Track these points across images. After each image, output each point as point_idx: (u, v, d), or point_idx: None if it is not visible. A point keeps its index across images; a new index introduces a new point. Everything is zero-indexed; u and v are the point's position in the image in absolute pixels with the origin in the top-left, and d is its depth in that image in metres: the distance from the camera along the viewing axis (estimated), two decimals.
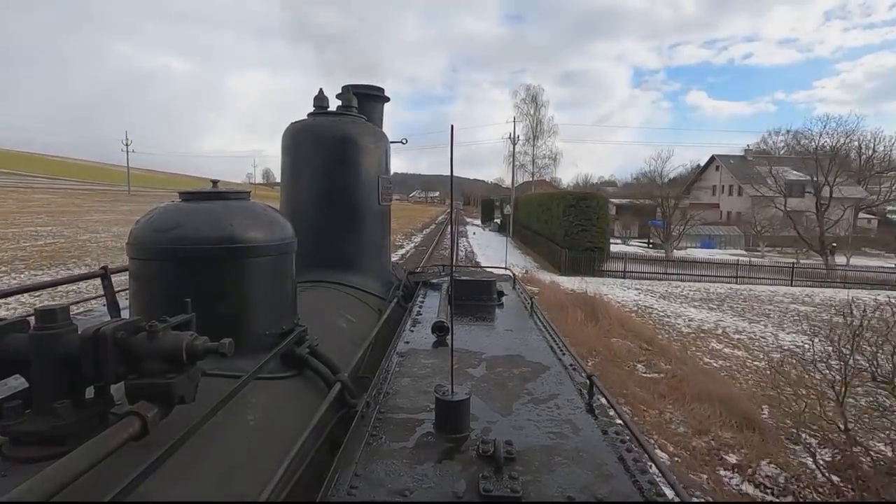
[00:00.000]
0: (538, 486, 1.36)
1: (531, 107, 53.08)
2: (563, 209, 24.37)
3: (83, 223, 29.26)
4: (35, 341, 1.19)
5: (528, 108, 52.95)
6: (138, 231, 1.81)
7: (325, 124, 3.68)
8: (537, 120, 53.07)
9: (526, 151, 52.54)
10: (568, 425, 1.74)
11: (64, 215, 33.41)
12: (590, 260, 23.48)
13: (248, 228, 1.87)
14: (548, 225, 27.86)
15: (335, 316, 2.90)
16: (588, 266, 23.20)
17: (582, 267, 22.91)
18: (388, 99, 4.59)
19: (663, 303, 16.63)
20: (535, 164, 53.59)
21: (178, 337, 1.25)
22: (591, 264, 23.52)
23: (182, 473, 1.23)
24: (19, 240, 21.11)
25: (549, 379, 2.18)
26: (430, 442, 1.59)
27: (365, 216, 3.76)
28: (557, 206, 25.41)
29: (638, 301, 16.54)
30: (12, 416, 1.16)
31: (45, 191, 56.33)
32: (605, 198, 26.80)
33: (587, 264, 23.25)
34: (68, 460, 0.95)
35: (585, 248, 23.43)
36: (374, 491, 1.32)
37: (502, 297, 3.76)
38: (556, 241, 25.22)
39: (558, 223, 24.79)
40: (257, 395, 1.69)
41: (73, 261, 17.11)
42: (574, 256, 23.23)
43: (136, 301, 1.84)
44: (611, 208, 33.49)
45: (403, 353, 2.48)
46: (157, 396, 1.21)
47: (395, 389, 2.01)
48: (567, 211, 24.09)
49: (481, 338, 2.80)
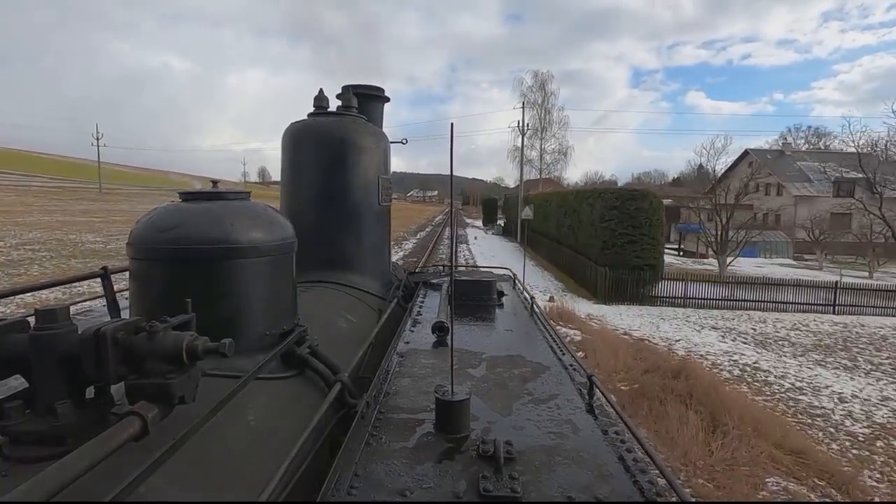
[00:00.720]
0: (538, 486, 1.36)
1: (539, 95, 45.05)
2: (600, 212, 17.87)
3: (3, 226, 24.84)
4: (35, 341, 1.19)
5: (535, 97, 44.83)
6: (138, 231, 1.82)
7: (325, 124, 3.68)
8: (546, 110, 45.29)
9: (533, 145, 44.92)
10: (568, 425, 1.74)
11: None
12: (639, 281, 16.94)
13: (248, 228, 1.87)
14: (573, 232, 21.34)
15: (335, 316, 2.90)
16: (635, 290, 16.98)
17: (627, 291, 16.88)
18: (388, 99, 4.59)
19: (768, 356, 11.39)
20: (542, 159, 45.99)
21: (178, 337, 1.25)
22: (642, 289, 17.06)
23: (182, 473, 1.23)
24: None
25: (550, 379, 2.18)
26: (430, 442, 1.59)
27: (365, 216, 3.76)
28: (590, 208, 19.09)
29: (731, 354, 11.22)
30: (13, 416, 1.16)
31: (7, 189, 50.81)
32: (659, 197, 18.96)
33: (634, 287, 16.94)
34: (69, 460, 0.95)
35: (632, 265, 16.85)
36: (374, 491, 1.32)
37: (502, 297, 3.77)
38: (587, 254, 18.99)
39: (592, 231, 18.54)
40: (257, 395, 1.69)
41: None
42: (617, 277, 16.86)
43: (136, 301, 1.84)
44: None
45: (403, 353, 2.48)
46: (157, 396, 1.21)
47: (396, 389, 2.01)
48: (607, 215, 17.43)
49: (481, 338, 2.80)
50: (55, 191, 58.84)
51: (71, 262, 17.29)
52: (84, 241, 22.46)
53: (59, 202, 44.12)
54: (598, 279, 17.46)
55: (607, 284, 16.96)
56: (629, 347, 10.19)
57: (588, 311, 14.61)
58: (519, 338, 2.84)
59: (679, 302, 17.28)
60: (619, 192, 18.67)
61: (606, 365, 8.62)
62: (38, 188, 59.10)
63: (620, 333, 12.05)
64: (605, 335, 10.97)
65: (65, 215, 33.34)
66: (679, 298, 17.39)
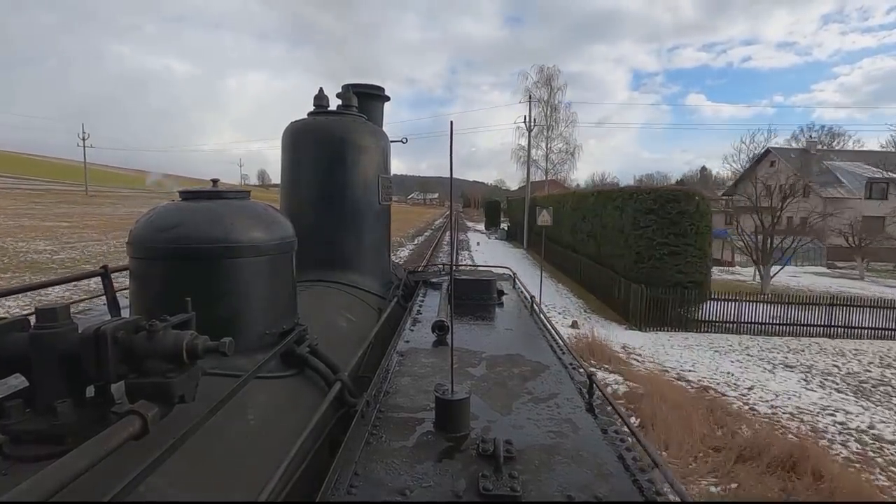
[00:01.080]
0: (538, 485, 1.36)
1: (545, 91, 42.09)
2: (632, 217, 14.85)
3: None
4: (35, 340, 1.20)
5: (540, 94, 41.75)
6: (138, 230, 1.82)
7: (325, 123, 3.68)
8: (552, 107, 42.51)
9: (538, 145, 42.07)
10: (568, 424, 1.74)
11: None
12: (683, 301, 13.87)
13: (248, 228, 1.87)
14: (594, 240, 18.27)
15: (335, 315, 2.90)
16: (677, 312, 13.89)
17: (668, 314, 13.77)
18: (388, 98, 4.59)
19: (882, 413, 8.50)
20: (548, 159, 43.24)
21: (178, 336, 1.25)
22: (683, 310, 13.99)
23: (182, 473, 1.24)
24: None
25: (549, 378, 2.18)
26: (429, 441, 1.59)
27: (365, 215, 3.76)
28: (618, 212, 16.03)
29: (830, 412, 8.32)
30: (13, 415, 1.16)
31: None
32: (706, 197, 15.81)
33: (674, 308, 13.85)
34: (69, 459, 0.95)
35: (674, 282, 13.90)
36: (374, 490, 1.32)
37: (502, 296, 3.77)
38: (614, 266, 16.01)
39: (621, 240, 15.55)
40: (257, 394, 1.69)
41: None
42: (656, 297, 13.72)
43: (136, 300, 1.84)
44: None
45: (403, 353, 2.48)
46: (157, 395, 1.21)
47: (396, 388, 2.01)
48: (642, 220, 14.42)
49: (481, 337, 2.80)
50: (41, 193, 56.45)
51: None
52: (32, 249, 20.15)
53: (38, 205, 41.31)
54: (630, 298, 14.28)
55: (644, 306, 13.78)
56: (695, 404, 7.43)
57: (623, 341, 11.68)
58: (519, 337, 2.84)
59: (730, 327, 14.01)
60: (659, 192, 15.10)
61: (678, 442, 6.03)
62: (24, 191, 57.14)
63: (673, 377, 9.24)
64: (657, 384, 7.99)
65: (33, 219, 30.73)
66: (731, 323, 14.07)
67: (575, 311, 15.49)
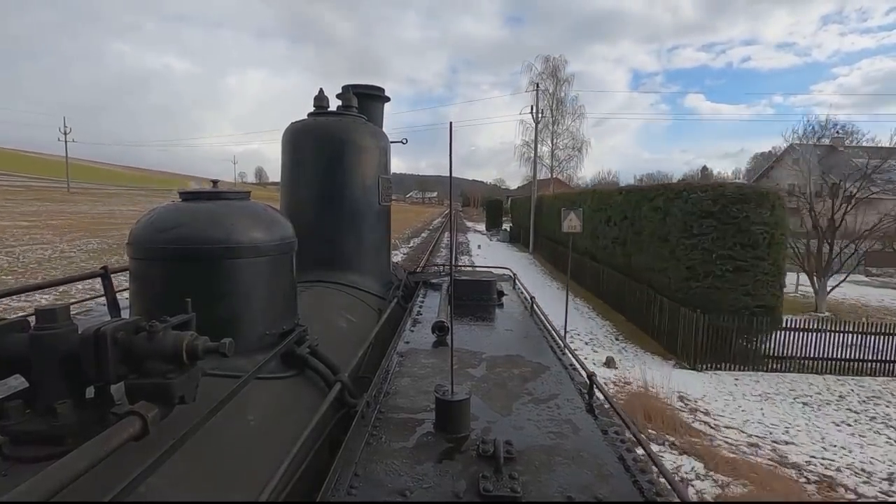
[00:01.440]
0: (538, 485, 1.36)
1: (550, 83, 38.36)
2: (682, 221, 11.30)
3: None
4: (35, 341, 1.19)
5: (546, 85, 37.98)
6: (139, 231, 1.82)
7: (325, 124, 3.68)
8: (557, 100, 38.80)
9: (543, 140, 38.11)
10: (568, 425, 1.74)
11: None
12: (752, 331, 10.44)
13: (248, 228, 1.87)
14: (623, 248, 14.60)
15: (335, 316, 2.90)
16: (741, 346, 10.52)
17: (732, 347, 10.42)
18: (388, 99, 4.59)
19: None
20: (554, 156, 39.62)
21: (178, 337, 1.25)
22: (756, 344, 10.58)
23: (182, 473, 1.24)
24: None
25: (549, 379, 2.18)
26: (430, 442, 1.59)
27: (365, 216, 3.76)
28: (660, 215, 12.32)
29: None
30: (13, 416, 1.16)
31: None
32: (781, 195, 11.78)
33: (737, 340, 10.47)
34: (69, 460, 0.95)
35: (739, 306, 10.51)
36: (374, 491, 1.32)
37: (502, 297, 3.77)
38: (654, 283, 12.48)
39: (665, 250, 11.93)
40: (257, 394, 1.69)
41: None
42: (718, 325, 10.31)
43: (136, 301, 1.84)
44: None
45: (403, 353, 2.48)
46: (157, 396, 1.21)
47: (396, 389, 2.01)
48: (697, 226, 10.93)
49: (481, 338, 2.80)
50: (19, 190, 53.91)
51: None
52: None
53: (10, 203, 38.91)
54: (682, 328, 10.77)
55: (704, 338, 10.38)
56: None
57: (678, 388, 8.36)
58: (519, 338, 2.84)
59: (808, 365, 10.61)
60: (720, 190, 11.05)
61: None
62: (1, 187, 54.64)
63: (770, 459, 6.14)
64: (758, 478, 5.25)
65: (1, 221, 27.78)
66: (808, 360, 10.64)
67: (604, 338, 12.25)
